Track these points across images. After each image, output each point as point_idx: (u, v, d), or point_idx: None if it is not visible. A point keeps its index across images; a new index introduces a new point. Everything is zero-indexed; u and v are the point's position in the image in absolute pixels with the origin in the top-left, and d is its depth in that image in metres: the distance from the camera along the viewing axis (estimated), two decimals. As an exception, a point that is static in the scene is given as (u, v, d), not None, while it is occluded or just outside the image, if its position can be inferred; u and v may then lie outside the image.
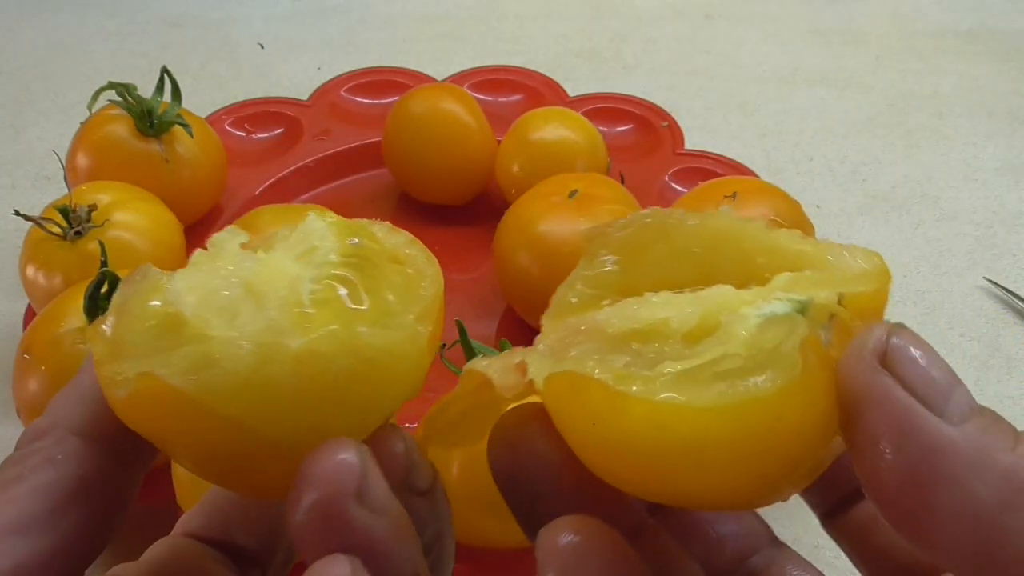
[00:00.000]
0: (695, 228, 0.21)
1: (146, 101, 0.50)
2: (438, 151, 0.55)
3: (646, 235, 0.21)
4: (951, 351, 0.51)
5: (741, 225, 0.21)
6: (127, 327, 0.19)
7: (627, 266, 0.21)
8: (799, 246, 0.20)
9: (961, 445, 0.16)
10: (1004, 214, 0.61)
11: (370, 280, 0.20)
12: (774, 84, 0.74)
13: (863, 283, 0.18)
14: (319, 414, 0.18)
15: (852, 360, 0.16)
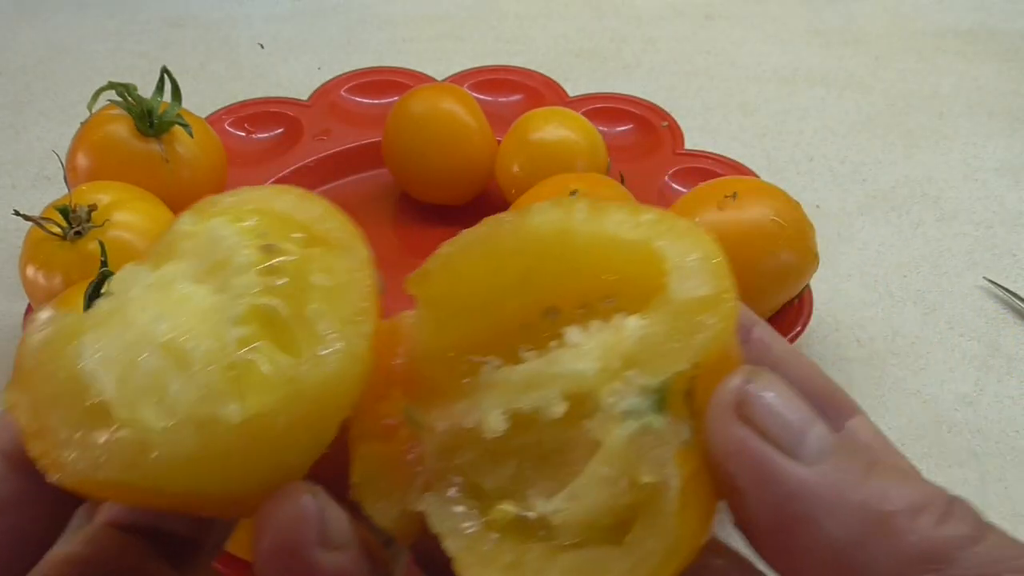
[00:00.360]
0: (516, 237, 0.20)
1: (146, 101, 0.50)
2: (438, 151, 0.55)
3: (467, 264, 0.21)
4: (951, 351, 0.51)
5: (563, 223, 0.20)
6: (47, 405, 0.18)
7: (460, 308, 0.21)
8: (629, 252, 0.19)
9: (815, 487, 0.16)
10: (1004, 214, 0.61)
11: (294, 300, 0.19)
12: (774, 84, 0.74)
13: (708, 321, 0.18)
14: (269, 463, 0.18)
15: (712, 421, 0.17)
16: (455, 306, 0.21)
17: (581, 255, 0.20)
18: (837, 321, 0.53)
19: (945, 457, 0.46)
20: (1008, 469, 0.45)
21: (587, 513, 0.18)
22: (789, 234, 0.45)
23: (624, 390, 0.18)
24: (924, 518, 0.16)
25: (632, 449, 0.17)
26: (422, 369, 0.20)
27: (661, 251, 0.19)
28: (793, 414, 0.17)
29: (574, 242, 0.20)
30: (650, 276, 0.19)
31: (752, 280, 0.45)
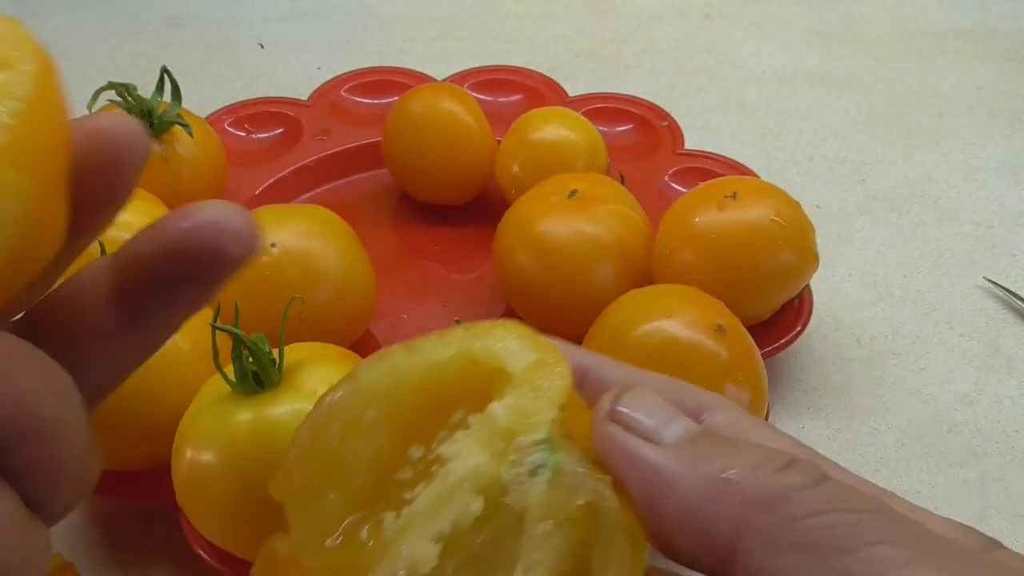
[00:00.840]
0: (355, 401, 0.21)
1: (146, 101, 0.50)
2: (438, 151, 0.55)
3: (319, 443, 0.21)
4: (951, 351, 0.51)
5: (392, 375, 0.21)
6: None
7: (331, 484, 0.21)
8: (455, 368, 0.21)
9: (672, 461, 0.19)
10: (1004, 214, 0.61)
11: None
12: (774, 84, 0.74)
13: (552, 371, 0.21)
14: None
15: (594, 430, 0.20)
16: (325, 491, 0.21)
17: (418, 391, 0.21)
18: (837, 321, 0.53)
19: (945, 457, 0.46)
20: (1008, 469, 0.45)
21: (549, 574, 0.19)
22: (789, 234, 0.45)
23: (520, 456, 0.20)
24: (763, 470, 0.18)
25: (556, 494, 0.20)
26: (321, 568, 0.21)
27: (481, 352, 0.21)
28: (655, 413, 0.20)
29: (407, 384, 0.21)
30: (482, 378, 0.21)
31: (752, 280, 0.45)
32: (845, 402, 0.48)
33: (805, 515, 0.17)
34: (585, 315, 0.43)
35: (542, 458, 0.20)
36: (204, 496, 0.35)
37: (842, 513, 0.17)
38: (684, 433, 0.20)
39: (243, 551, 0.36)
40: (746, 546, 0.17)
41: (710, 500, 0.18)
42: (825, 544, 0.16)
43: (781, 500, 0.17)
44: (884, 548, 0.16)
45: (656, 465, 0.19)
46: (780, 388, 0.49)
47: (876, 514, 0.17)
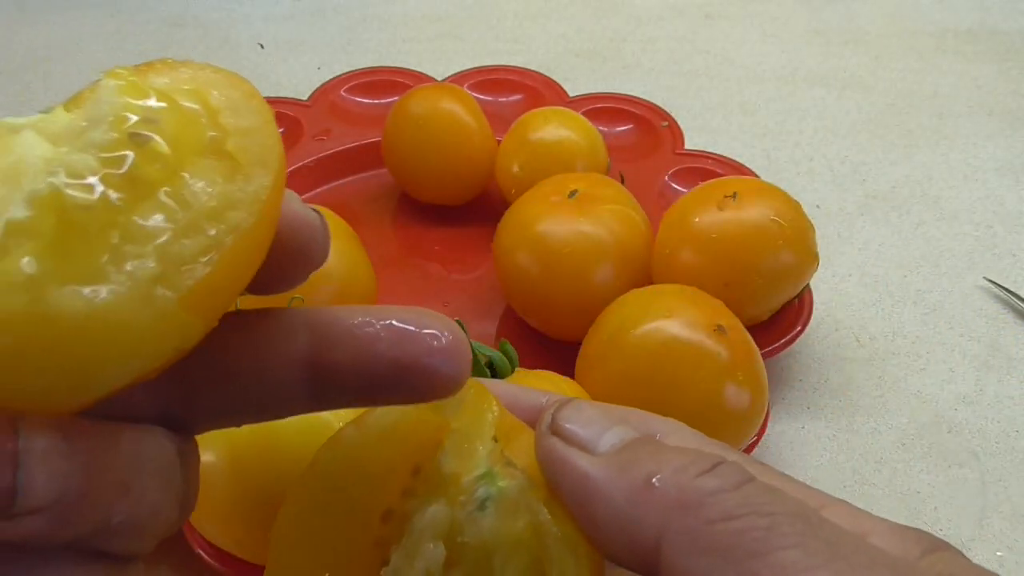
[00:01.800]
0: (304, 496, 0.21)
1: (146, 101, 0.49)
2: (438, 151, 0.55)
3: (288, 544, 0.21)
4: (951, 351, 0.51)
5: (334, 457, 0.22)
6: None
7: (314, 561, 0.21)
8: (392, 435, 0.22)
9: (602, 468, 0.19)
10: (1004, 214, 0.61)
11: (111, 208, 0.15)
12: (774, 84, 0.74)
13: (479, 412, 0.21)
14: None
15: (536, 445, 0.21)
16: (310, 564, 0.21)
17: (377, 463, 0.21)
18: (837, 321, 0.53)
19: (945, 457, 0.46)
20: (1008, 469, 0.45)
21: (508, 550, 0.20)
22: (789, 234, 0.45)
23: (467, 496, 0.21)
24: (686, 473, 0.18)
25: (502, 521, 0.21)
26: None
27: (422, 411, 0.21)
28: (592, 423, 0.21)
29: (364, 461, 0.21)
30: (431, 432, 0.21)
31: (752, 280, 0.45)
32: (845, 402, 0.48)
33: (720, 519, 0.17)
34: (585, 315, 0.43)
35: (485, 491, 0.21)
36: (204, 496, 0.34)
37: (756, 517, 0.17)
38: (618, 441, 0.20)
39: (243, 551, 0.36)
40: (668, 549, 0.18)
41: (635, 505, 0.18)
42: (736, 548, 0.17)
43: (699, 504, 0.18)
44: (791, 552, 0.16)
45: (587, 473, 0.19)
46: (780, 388, 0.49)
47: (790, 517, 0.17)
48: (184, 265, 0.15)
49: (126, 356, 0.15)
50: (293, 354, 0.19)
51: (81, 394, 0.15)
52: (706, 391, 0.38)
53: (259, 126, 0.17)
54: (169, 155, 0.16)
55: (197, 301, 0.15)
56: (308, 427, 0.32)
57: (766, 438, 0.46)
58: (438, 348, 0.19)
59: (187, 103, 0.17)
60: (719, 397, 0.38)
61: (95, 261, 0.15)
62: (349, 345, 0.19)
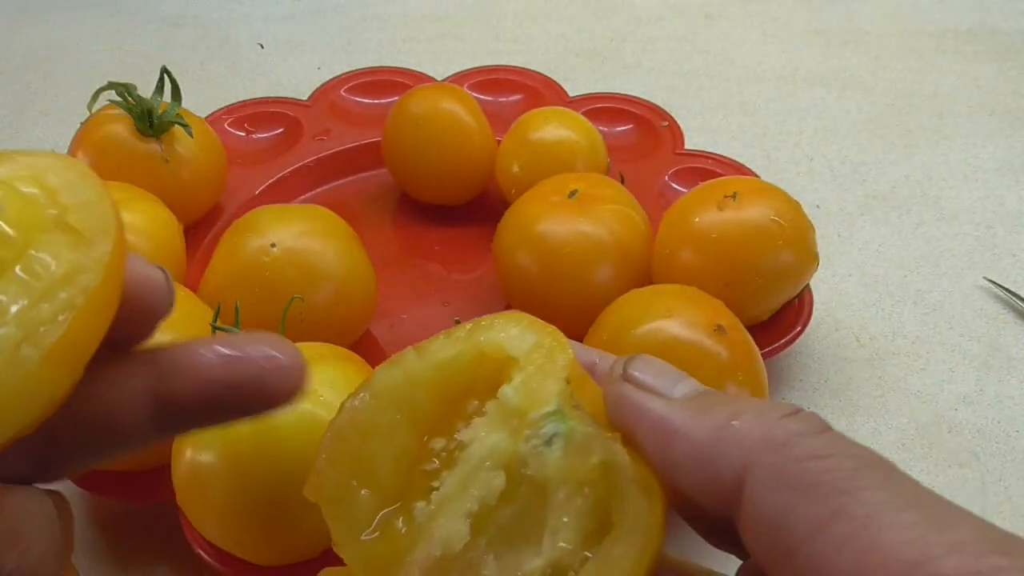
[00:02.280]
0: (374, 404, 0.22)
1: (146, 101, 0.50)
2: (438, 151, 0.55)
3: (345, 444, 0.22)
4: (951, 351, 0.51)
5: (406, 376, 0.23)
6: None
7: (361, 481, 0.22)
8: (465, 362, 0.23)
9: (681, 410, 0.20)
10: (1004, 214, 0.61)
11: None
12: (774, 84, 0.74)
13: (553, 349, 0.22)
14: None
15: (606, 389, 0.22)
16: (356, 490, 0.22)
17: (433, 389, 0.23)
18: (837, 321, 0.53)
19: (945, 457, 0.46)
20: (1008, 469, 0.45)
21: (576, 534, 0.21)
22: (789, 234, 0.45)
23: (534, 429, 0.21)
24: (769, 416, 0.20)
25: (571, 458, 0.21)
26: (361, 559, 0.22)
27: (487, 344, 0.22)
28: (664, 374, 0.22)
29: (421, 384, 0.23)
30: (491, 368, 0.22)
31: (752, 280, 0.45)
32: (845, 402, 0.48)
33: (808, 457, 0.18)
34: (585, 315, 0.43)
35: (554, 427, 0.21)
36: (204, 496, 0.34)
37: (842, 458, 0.18)
38: (691, 390, 0.21)
39: (243, 551, 0.36)
40: (751, 483, 0.18)
41: (717, 443, 0.19)
42: (824, 484, 0.17)
43: (785, 442, 0.19)
44: (879, 493, 0.17)
45: (666, 416, 0.20)
46: (780, 388, 0.49)
47: (874, 463, 0.18)
48: (43, 326, 0.17)
49: (7, 414, 0.17)
50: (138, 391, 0.20)
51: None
52: (706, 391, 0.38)
53: (96, 200, 0.20)
54: (15, 236, 0.18)
55: (59, 356, 0.17)
56: (307, 426, 0.32)
57: (766, 438, 0.46)
58: (270, 368, 0.20)
59: (26, 188, 0.19)
60: (719, 397, 0.38)
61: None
62: (188, 376, 0.20)
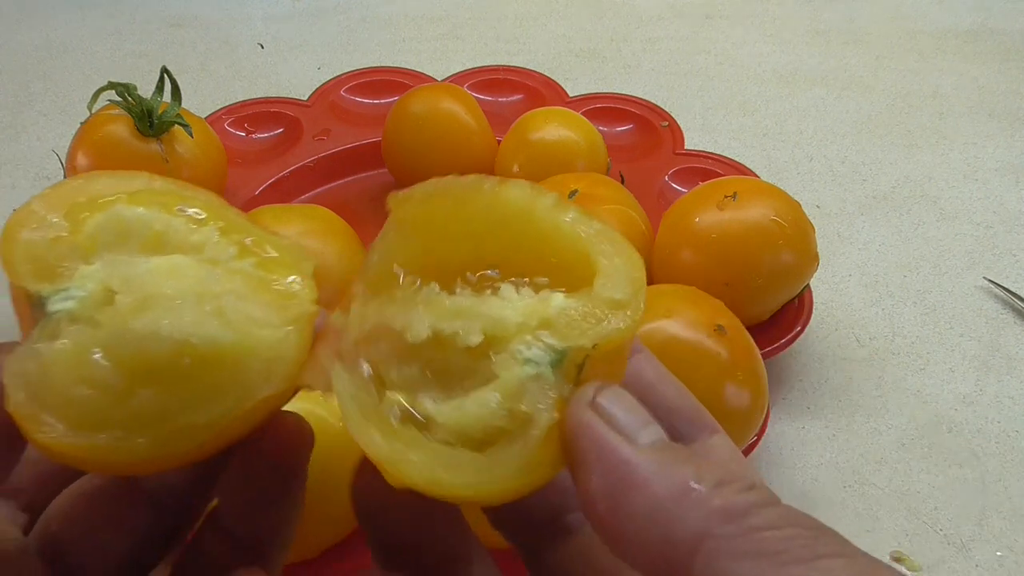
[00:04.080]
0: (490, 199, 0.23)
1: (146, 101, 0.50)
2: (438, 151, 0.55)
3: (444, 203, 0.23)
4: (951, 351, 0.51)
5: (531, 204, 0.23)
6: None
7: (424, 236, 0.23)
8: (574, 248, 0.23)
9: (646, 461, 0.20)
10: (1004, 214, 0.61)
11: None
12: (774, 84, 0.74)
13: (619, 320, 0.22)
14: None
15: (571, 406, 0.21)
16: (419, 232, 0.23)
17: (535, 235, 0.23)
18: (837, 321, 0.53)
19: (945, 457, 0.46)
20: (1008, 469, 0.45)
21: (464, 424, 0.21)
22: (789, 234, 0.45)
23: (533, 343, 0.22)
24: (728, 488, 0.19)
25: (522, 387, 0.21)
26: (373, 271, 0.23)
27: (598, 256, 0.23)
28: (634, 414, 0.21)
29: (534, 222, 0.23)
30: (583, 272, 0.22)
31: (752, 280, 0.45)
32: (845, 402, 0.48)
33: (766, 527, 0.18)
34: (585, 315, 0.43)
35: (541, 359, 0.21)
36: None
37: (800, 528, 0.18)
38: (657, 439, 0.21)
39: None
40: (708, 550, 0.18)
41: (677, 503, 0.19)
42: (783, 552, 0.18)
43: (744, 512, 0.18)
44: (837, 561, 0.17)
45: (629, 461, 0.20)
46: (780, 388, 0.49)
47: (829, 533, 0.18)
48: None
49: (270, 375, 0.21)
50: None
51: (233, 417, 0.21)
52: (706, 391, 0.38)
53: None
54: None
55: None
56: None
57: (766, 438, 0.46)
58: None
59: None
60: (719, 397, 0.38)
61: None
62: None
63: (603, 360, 0.22)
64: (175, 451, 0.20)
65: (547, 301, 0.22)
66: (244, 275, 0.22)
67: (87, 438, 0.19)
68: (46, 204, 0.22)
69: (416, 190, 0.23)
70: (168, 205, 0.23)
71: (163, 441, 0.20)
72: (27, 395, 0.19)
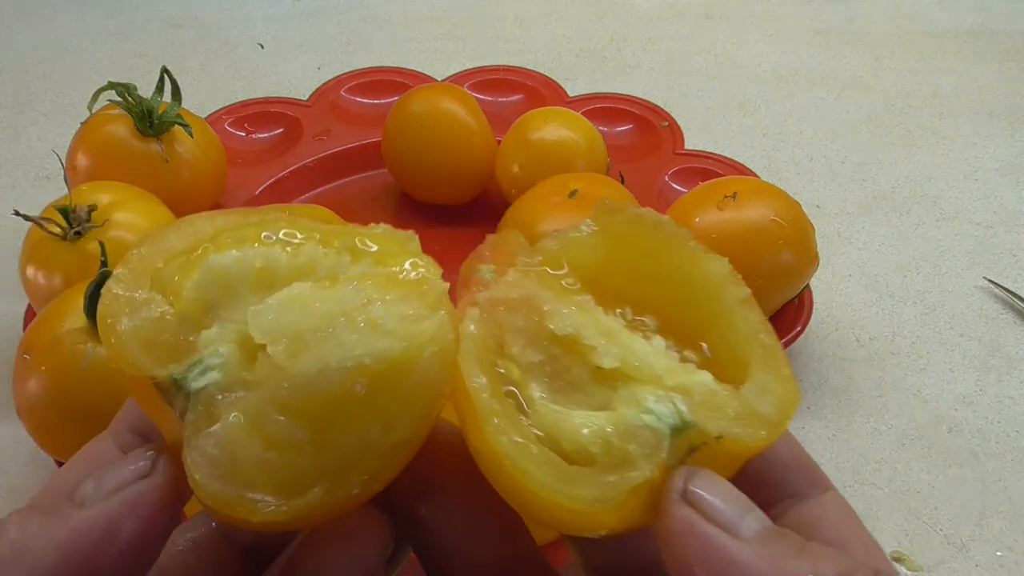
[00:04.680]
0: (686, 258, 0.22)
1: (146, 101, 0.50)
2: (438, 151, 0.55)
3: (645, 235, 0.22)
4: (951, 351, 0.51)
5: (724, 286, 0.22)
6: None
7: (611, 252, 0.23)
8: (749, 338, 0.22)
9: (752, 557, 0.18)
10: (1004, 214, 0.61)
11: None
12: (774, 84, 0.74)
13: (752, 430, 0.20)
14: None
15: (665, 510, 0.19)
16: (609, 246, 0.23)
17: (709, 313, 0.22)
18: (837, 321, 0.53)
19: (945, 457, 0.46)
20: (1008, 469, 0.45)
21: (562, 429, 0.20)
22: (789, 234, 0.45)
23: (664, 399, 0.20)
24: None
25: (634, 431, 0.20)
26: (545, 253, 0.23)
27: (759, 369, 0.21)
28: (733, 501, 0.19)
29: (717, 302, 0.22)
30: (733, 373, 0.21)
31: (752, 280, 0.45)
32: (845, 402, 0.48)
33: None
34: (585, 315, 0.43)
35: (664, 417, 0.20)
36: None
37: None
38: (761, 528, 0.19)
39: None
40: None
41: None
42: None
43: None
44: None
45: (737, 560, 0.18)
46: (780, 388, 0.49)
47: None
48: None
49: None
50: None
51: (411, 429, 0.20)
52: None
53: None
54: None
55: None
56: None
57: (766, 438, 0.46)
58: None
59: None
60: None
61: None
62: None
63: (715, 458, 0.20)
64: (384, 478, 0.20)
65: (694, 372, 0.21)
66: (371, 278, 0.21)
67: (303, 498, 0.19)
68: (127, 283, 0.20)
69: (629, 209, 0.23)
70: (250, 238, 0.22)
71: (373, 472, 0.19)
72: (223, 483, 0.19)
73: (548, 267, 0.23)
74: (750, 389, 0.21)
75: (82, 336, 0.38)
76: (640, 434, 0.20)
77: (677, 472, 0.20)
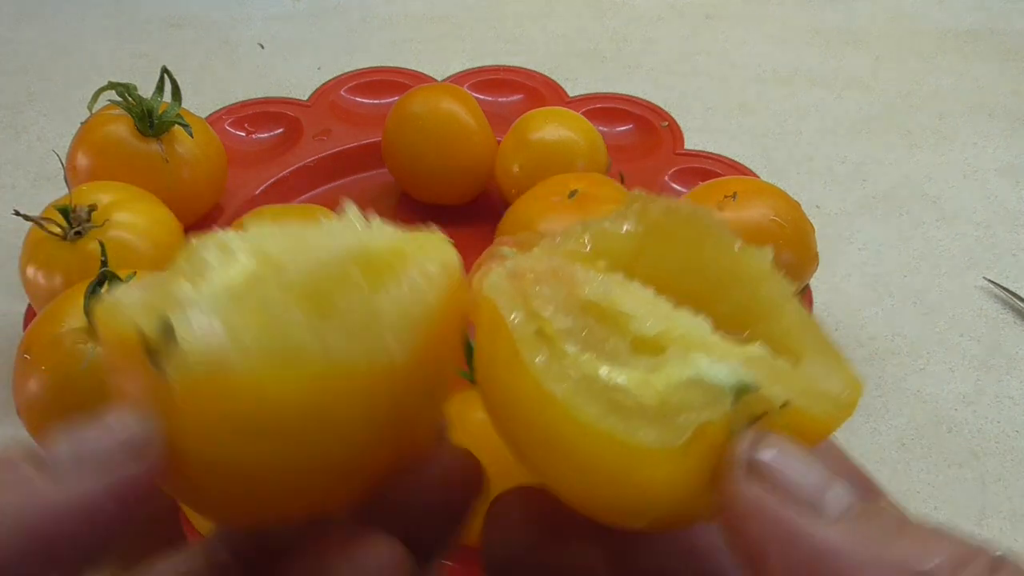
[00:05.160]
0: (727, 251, 0.21)
1: (146, 101, 0.50)
2: (438, 151, 0.55)
3: (681, 227, 0.21)
4: (951, 351, 0.51)
5: (768, 275, 0.21)
6: None
7: (644, 240, 0.22)
8: (799, 330, 0.20)
9: (845, 545, 0.15)
10: (1004, 214, 0.61)
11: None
12: (774, 84, 0.74)
13: (819, 404, 0.18)
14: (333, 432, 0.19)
15: (727, 477, 0.16)
16: (643, 233, 0.22)
17: (750, 300, 0.21)
18: (837, 321, 0.53)
19: (945, 457, 0.46)
20: (1008, 469, 0.45)
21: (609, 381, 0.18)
22: (789, 234, 0.45)
23: (718, 361, 0.18)
24: (969, 570, 0.15)
25: (686, 383, 0.17)
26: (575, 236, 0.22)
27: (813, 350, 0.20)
28: (812, 472, 0.16)
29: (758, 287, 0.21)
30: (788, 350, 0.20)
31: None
32: (845, 402, 0.48)
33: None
34: (585, 315, 0.43)
35: (722, 377, 0.17)
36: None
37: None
38: (847, 503, 0.16)
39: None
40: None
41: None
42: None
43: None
44: None
45: (825, 548, 0.15)
46: (780, 388, 0.49)
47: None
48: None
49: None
50: None
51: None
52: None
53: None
54: None
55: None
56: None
57: (766, 438, 0.46)
58: None
59: None
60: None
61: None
62: None
63: (780, 426, 0.17)
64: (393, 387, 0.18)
65: (745, 346, 0.18)
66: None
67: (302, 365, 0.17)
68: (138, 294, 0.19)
69: (664, 199, 0.22)
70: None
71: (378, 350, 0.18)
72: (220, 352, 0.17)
73: (577, 250, 0.21)
74: (810, 368, 0.19)
75: (82, 336, 0.38)
76: (697, 388, 0.17)
77: (742, 436, 0.16)
